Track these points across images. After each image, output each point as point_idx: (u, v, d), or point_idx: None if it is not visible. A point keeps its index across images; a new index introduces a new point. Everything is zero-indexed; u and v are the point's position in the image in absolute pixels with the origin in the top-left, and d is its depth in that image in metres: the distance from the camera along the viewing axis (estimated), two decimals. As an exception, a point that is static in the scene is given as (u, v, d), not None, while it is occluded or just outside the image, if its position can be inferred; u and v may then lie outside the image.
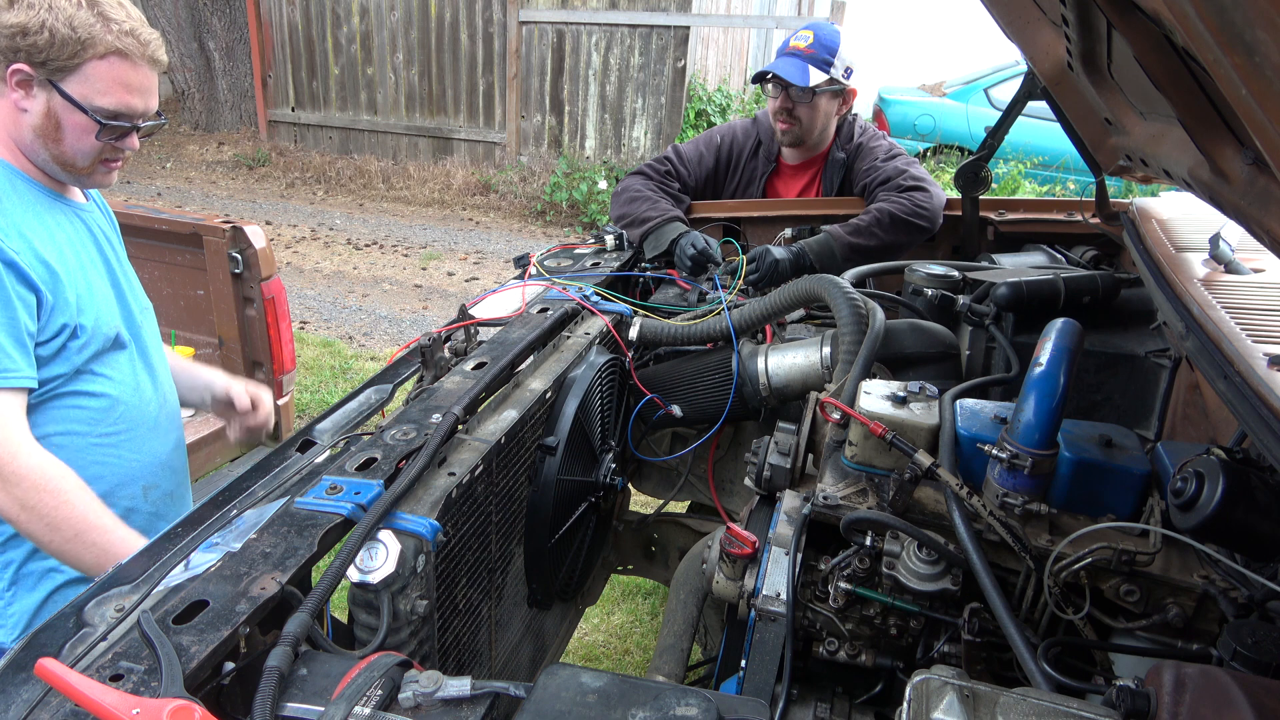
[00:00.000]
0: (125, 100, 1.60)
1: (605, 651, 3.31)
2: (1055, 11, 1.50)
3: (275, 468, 1.46)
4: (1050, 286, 2.05)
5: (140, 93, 1.63)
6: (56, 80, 1.55)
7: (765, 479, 1.61)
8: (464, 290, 7.04)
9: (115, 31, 1.56)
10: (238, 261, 3.12)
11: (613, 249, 2.68)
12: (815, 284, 1.99)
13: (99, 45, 1.55)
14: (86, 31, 1.53)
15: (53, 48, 1.51)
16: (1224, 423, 1.63)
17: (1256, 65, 0.68)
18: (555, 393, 1.81)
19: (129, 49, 1.58)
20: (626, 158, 9.18)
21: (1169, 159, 1.44)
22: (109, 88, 1.58)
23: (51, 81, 1.54)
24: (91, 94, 1.57)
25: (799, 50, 2.66)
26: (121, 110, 1.60)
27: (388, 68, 10.06)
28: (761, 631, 1.33)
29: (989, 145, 2.68)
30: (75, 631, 1.05)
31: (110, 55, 1.56)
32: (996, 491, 1.35)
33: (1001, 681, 1.28)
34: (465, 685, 0.98)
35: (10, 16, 1.51)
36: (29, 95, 1.55)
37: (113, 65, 1.57)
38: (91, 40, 1.54)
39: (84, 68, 1.55)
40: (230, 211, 8.72)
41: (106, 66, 1.56)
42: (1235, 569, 1.22)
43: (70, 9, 1.52)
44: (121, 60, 1.58)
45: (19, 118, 1.57)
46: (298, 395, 4.85)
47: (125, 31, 1.57)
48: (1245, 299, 1.63)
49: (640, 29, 8.81)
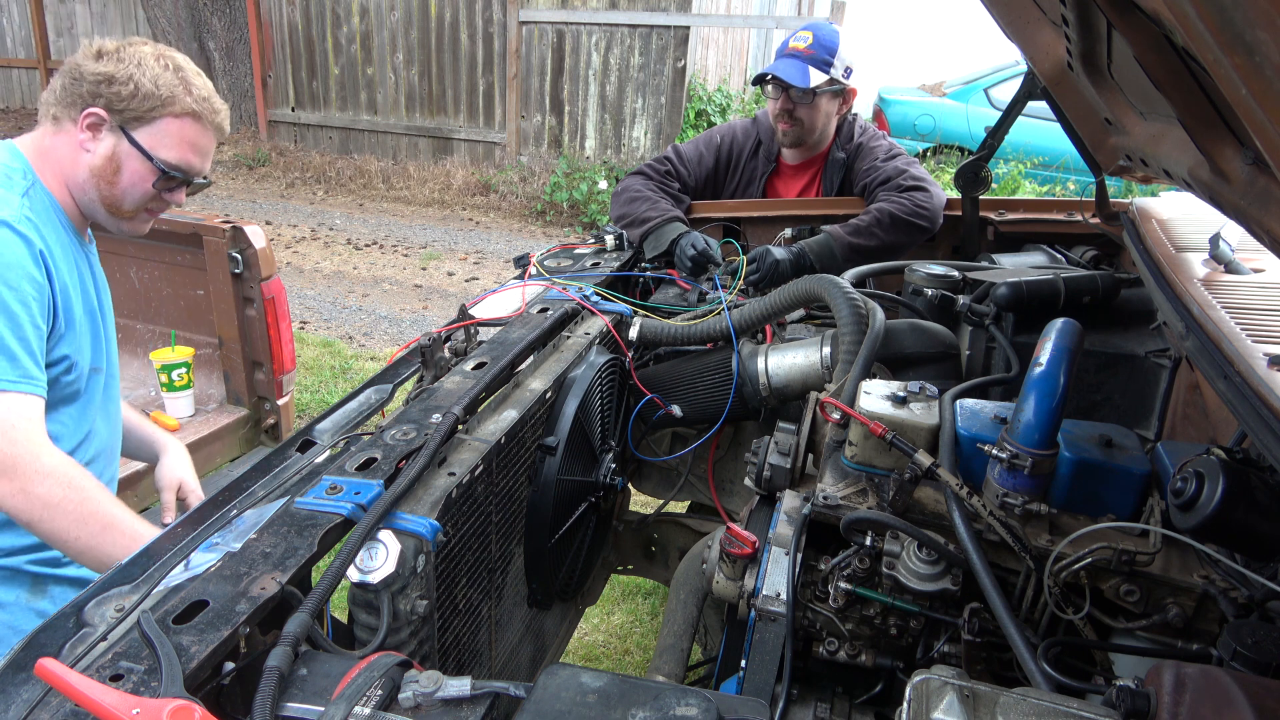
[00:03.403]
0: (188, 158, 1.73)
1: (605, 651, 3.30)
2: (1055, 11, 1.50)
3: (275, 468, 1.46)
4: (1050, 286, 2.05)
5: (201, 154, 1.76)
6: (129, 128, 1.66)
7: (765, 479, 1.61)
8: (464, 290, 7.04)
9: (194, 96, 1.71)
10: (238, 261, 3.12)
11: (613, 249, 2.68)
12: (815, 284, 1.99)
13: (177, 105, 1.68)
14: (169, 91, 1.67)
15: (134, 99, 1.64)
16: (1224, 423, 1.63)
17: (1256, 65, 0.68)
18: (555, 393, 1.81)
19: (203, 113, 1.73)
20: (626, 158, 9.18)
21: (1169, 159, 1.44)
22: (176, 144, 1.70)
23: (124, 128, 1.66)
24: (158, 146, 1.69)
25: (798, 51, 2.66)
26: (182, 165, 1.72)
27: (388, 68, 10.06)
28: (761, 631, 1.33)
29: (989, 145, 2.68)
30: (75, 631, 1.05)
31: (185, 115, 1.70)
32: (996, 491, 1.35)
33: (1001, 681, 1.28)
34: (465, 685, 0.98)
35: (99, 66, 1.64)
36: (96, 137, 1.66)
37: (184, 125, 1.71)
38: (172, 99, 1.68)
39: (158, 122, 1.68)
40: (230, 211, 8.71)
41: (179, 125, 1.70)
42: (1235, 569, 1.22)
43: (158, 69, 1.67)
44: (194, 122, 1.72)
45: (78, 156, 1.67)
46: (298, 395, 4.85)
47: (203, 97, 1.73)
48: (1245, 299, 1.63)
49: (640, 29, 8.81)
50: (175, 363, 3.26)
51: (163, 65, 1.68)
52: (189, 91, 1.70)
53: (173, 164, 1.70)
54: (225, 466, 3.37)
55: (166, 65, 1.68)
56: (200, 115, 1.72)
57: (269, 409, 3.41)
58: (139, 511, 3.02)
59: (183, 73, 1.70)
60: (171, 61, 1.70)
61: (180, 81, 1.69)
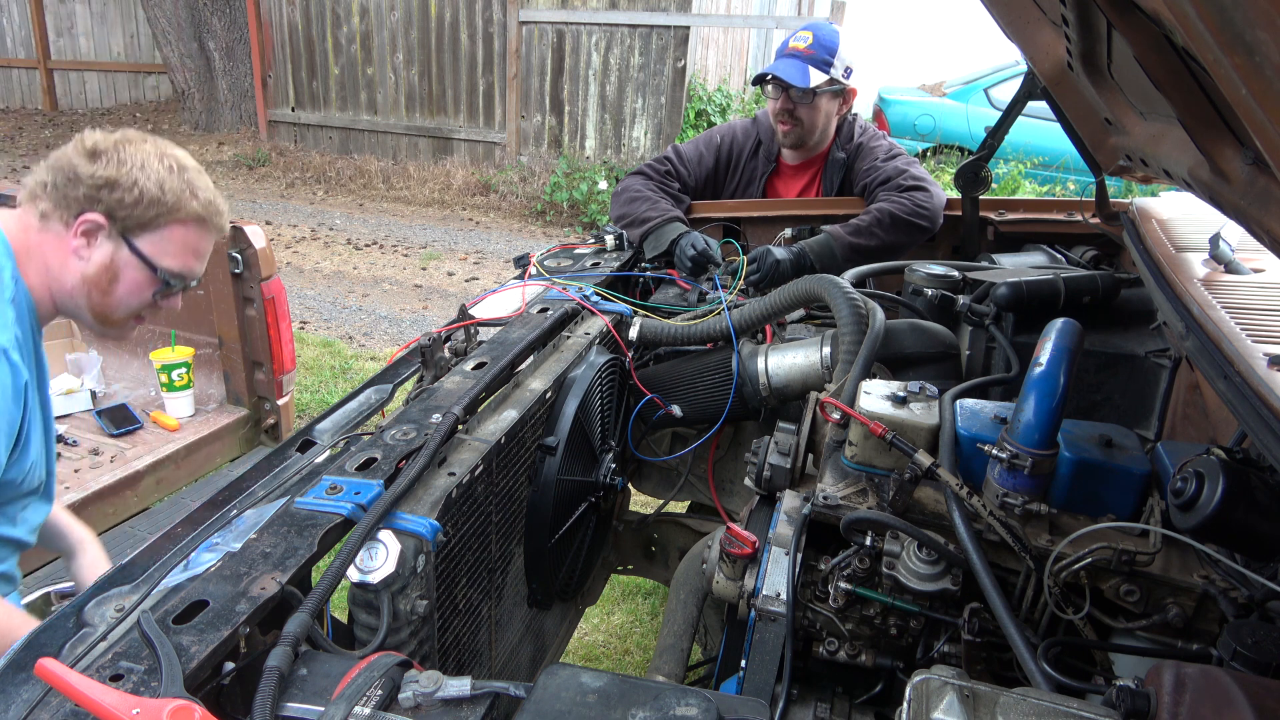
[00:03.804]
0: (190, 264, 1.64)
1: (605, 651, 3.30)
2: (1055, 11, 1.50)
3: (275, 468, 1.46)
4: (1050, 286, 2.05)
5: (203, 259, 1.67)
6: (131, 235, 1.56)
7: (765, 479, 1.61)
8: (464, 290, 7.04)
9: (200, 200, 1.61)
10: (238, 261, 3.12)
11: (613, 249, 2.68)
12: (815, 284, 1.99)
13: (182, 210, 1.58)
14: (174, 196, 1.57)
15: (138, 206, 1.54)
16: (1224, 423, 1.63)
17: (1256, 65, 0.68)
18: (555, 393, 1.81)
19: (208, 217, 1.63)
20: (626, 158, 9.18)
21: (1169, 159, 1.44)
22: (179, 250, 1.61)
23: (125, 235, 1.55)
24: (161, 254, 1.59)
25: (798, 51, 2.66)
26: (184, 273, 1.63)
27: (388, 68, 10.06)
28: (761, 631, 1.33)
29: (989, 145, 2.68)
30: (75, 631, 1.05)
31: (190, 221, 1.60)
32: (996, 491, 1.35)
33: (1001, 681, 1.28)
34: (465, 685, 0.98)
35: (99, 169, 1.51)
36: (91, 244, 1.55)
37: (189, 230, 1.61)
38: (178, 205, 1.57)
39: (163, 229, 1.58)
40: (230, 211, 8.71)
41: (183, 231, 1.60)
42: (1235, 569, 1.22)
43: (162, 172, 1.56)
44: (198, 227, 1.62)
45: (67, 260, 1.55)
46: (298, 395, 4.85)
47: (208, 201, 1.62)
48: (1245, 299, 1.63)
49: (640, 29, 8.81)
50: (175, 363, 3.27)
51: (166, 167, 1.57)
52: (195, 195, 1.60)
53: (175, 272, 1.61)
54: (225, 466, 3.37)
55: (170, 166, 1.58)
56: (205, 220, 1.63)
57: (269, 409, 3.41)
58: (139, 512, 3.04)
59: (187, 174, 1.60)
60: (175, 161, 1.59)
61: (185, 185, 1.59)
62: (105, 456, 3.07)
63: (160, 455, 3.10)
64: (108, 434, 3.20)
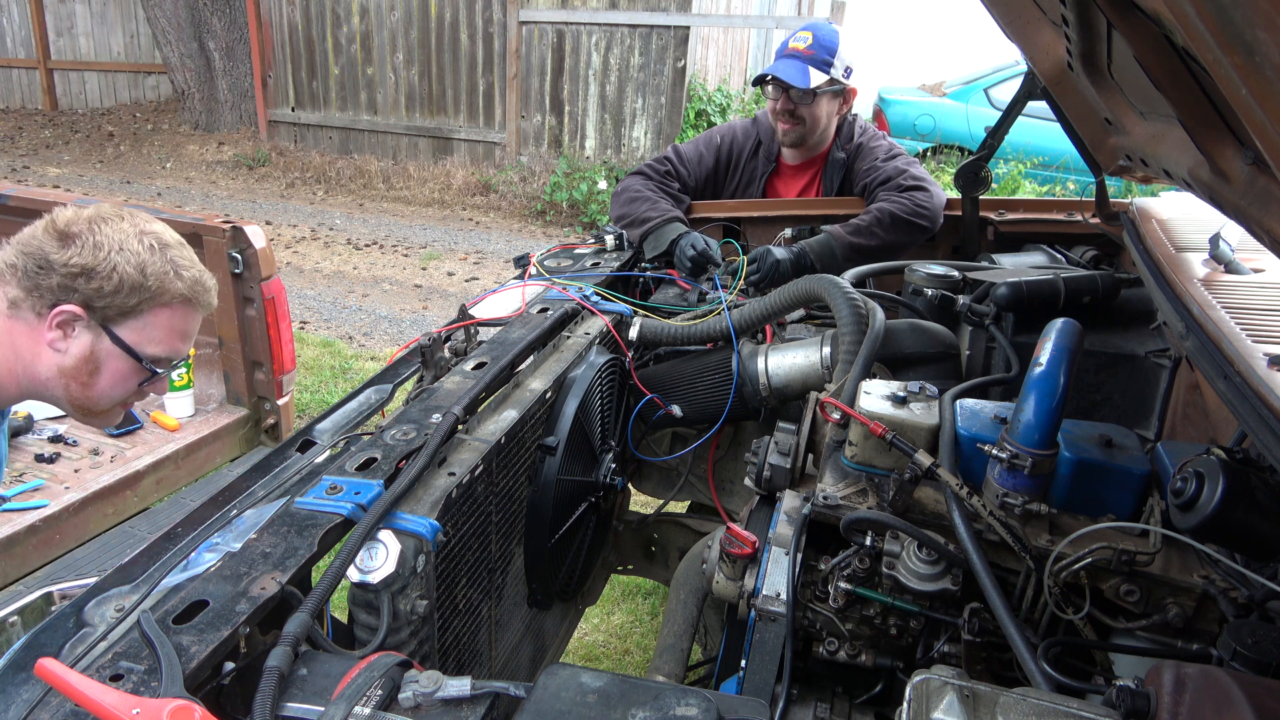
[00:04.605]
0: (177, 348, 1.50)
1: (605, 651, 3.30)
2: (1055, 11, 1.50)
3: (275, 468, 1.46)
4: (1050, 286, 2.05)
5: (190, 340, 1.53)
6: (111, 324, 1.42)
7: (765, 479, 1.61)
8: (464, 290, 7.04)
9: (186, 280, 1.46)
10: (238, 261, 3.12)
11: (613, 249, 2.68)
12: (815, 284, 1.99)
13: (167, 294, 1.44)
14: (157, 281, 1.42)
15: (118, 295, 1.39)
16: (1224, 423, 1.63)
17: (1256, 65, 0.68)
18: (555, 393, 1.81)
19: (196, 298, 1.49)
20: (626, 158, 9.18)
21: (1169, 159, 1.44)
22: (165, 335, 1.47)
23: (105, 325, 1.41)
24: (145, 341, 1.45)
25: (798, 51, 2.66)
26: (170, 357, 1.50)
27: (388, 68, 10.06)
28: (761, 631, 1.33)
29: (989, 145, 2.68)
30: (75, 631, 1.05)
31: (176, 304, 1.46)
32: (996, 491, 1.35)
33: (1001, 681, 1.28)
34: (465, 685, 0.99)
35: (73, 255, 1.36)
36: (68, 336, 1.41)
37: (175, 314, 1.47)
38: (161, 289, 1.43)
39: (146, 315, 1.44)
40: (230, 211, 8.72)
41: (168, 314, 1.46)
42: (1235, 569, 1.22)
43: (142, 253, 1.41)
44: (185, 308, 1.48)
45: (41, 352, 1.41)
46: (298, 395, 4.85)
47: (194, 279, 1.48)
48: (1245, 299, 1.63)
49: (640, 29, 8.81)
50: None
51: (146, 246, 1.41)
52: (179, 276, 1.45)
53: (161, 358, 1.47)
54: (225, 466, 3.37)
55: (151, 245, 1.42)
56: (191, 300, 1.48)
57: (269, 409, 3.41)
58: (139, 512, 3.04)
59: (169, 252, 1.45)
60: (155, 239, 1.44)
61: (168, 265, 1.43)
62: (105, 456, 3.07)
63: (160, 455, 3.10)
64: (108, 434, 3.20)
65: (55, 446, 3.11)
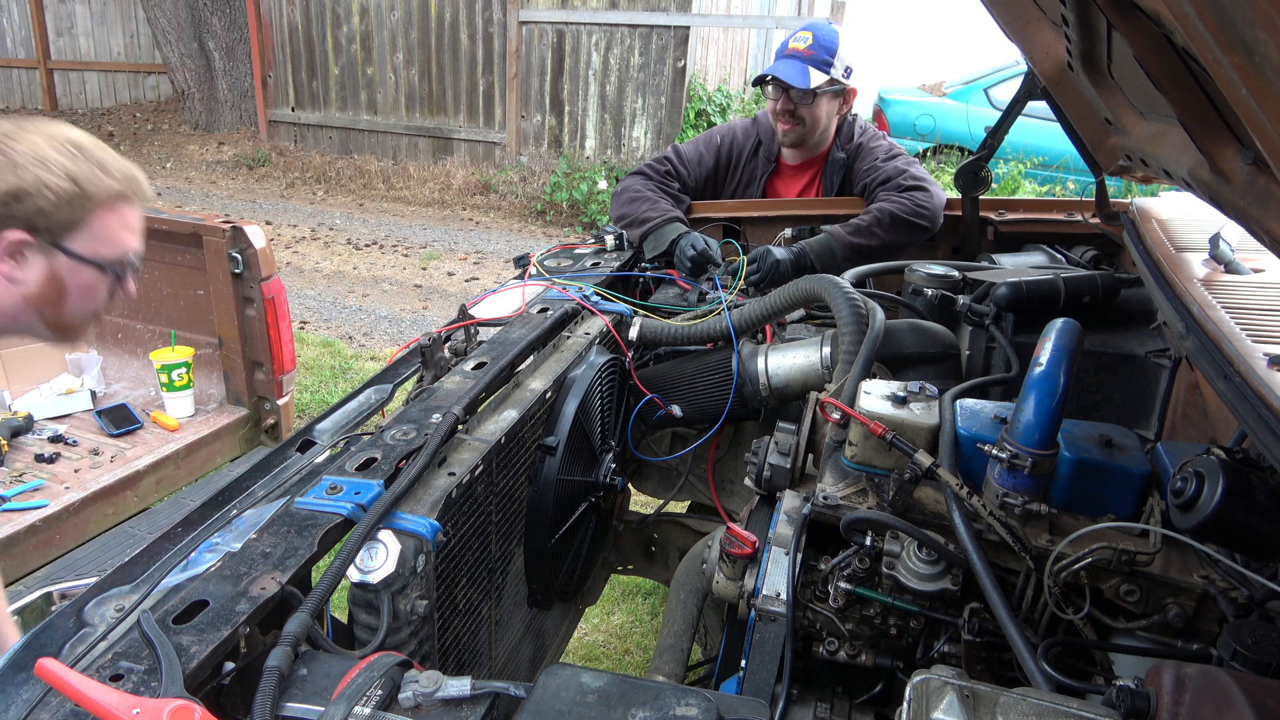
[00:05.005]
0: (130, 244, 1.49)
1: (605, 651, 3.30)
2: (1055, 11, 1.50)
3: (275, 468, 1.46)
4: (1050, 286, 2.05)
5: (139, 233, 1.51)
6: (61, 240, 1.39)
7: (765, 479, 1.61)
8: (464, 290, 7.04)
9: (117, 177, 1.44)
10: (238, 261, 3.12)
11: (613, 249, 2.68)
12: (815, 284, 1.99)
13: (103, 195, 1.42)
14: (88, 183, 1.39)
15: (56, 209, 1.36)
16: (1224, 423, 1.63)
17: (1256, 65, 0.68)
18: (555, 393, 1.81)
19: (127, 190, 1.47)
20: (626, 158, 9.18)
21: (1169, 159, 1.44)
22: (115, 236, 1.45)
23: (55, 244, 1.39)
24: (100, 246, 1.43)
25: (798, 51, 2.66)
26: (127, 256, 1.49)
27: (388, 68, 10.06)
28: (761, 631, 1.33)
29: (989, 145, 2.68)
30: (75, 631, 1.05)
31: (114, 202, 1.44)
32: (996, 491, 1.35)
33: (1001, 681, 1.28)
34: (465, 685, 0.99)
35: None
36: (21, 264, 1.38)
37: (116, 211, 1.45)
38: (97, 192, 1.41)
39: (90, 221, 1.41)
40: (230, 211, 8.72)
41: (111, 215, 1.44)
42: (1235, 569, 1.22)
43: (65, 161, 1.37)
44: (124, 203, 1.47)
45: (5, 291, 1.40)
46: (298, 395, 4.85)
47: (125, 175, 1.46)
48: (1245, 299, 1.63)
49: (640, 29, 8.81)
50: (175, 363, 3.27)
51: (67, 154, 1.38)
52: (110, 174, 1.42)
53: (118, 259, 1.46)
54: (225, 466, 3.37)
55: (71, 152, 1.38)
56: (128, 195, 1.47)
57: (269, 409, 3.41)
58: (139, 512, 3.04)
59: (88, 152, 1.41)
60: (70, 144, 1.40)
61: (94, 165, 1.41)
62: (105, 456, 3.07)
63: (160, 455, 3.10)
64: (108, 434, 3.20)
65: (55, 446, 3.11)
